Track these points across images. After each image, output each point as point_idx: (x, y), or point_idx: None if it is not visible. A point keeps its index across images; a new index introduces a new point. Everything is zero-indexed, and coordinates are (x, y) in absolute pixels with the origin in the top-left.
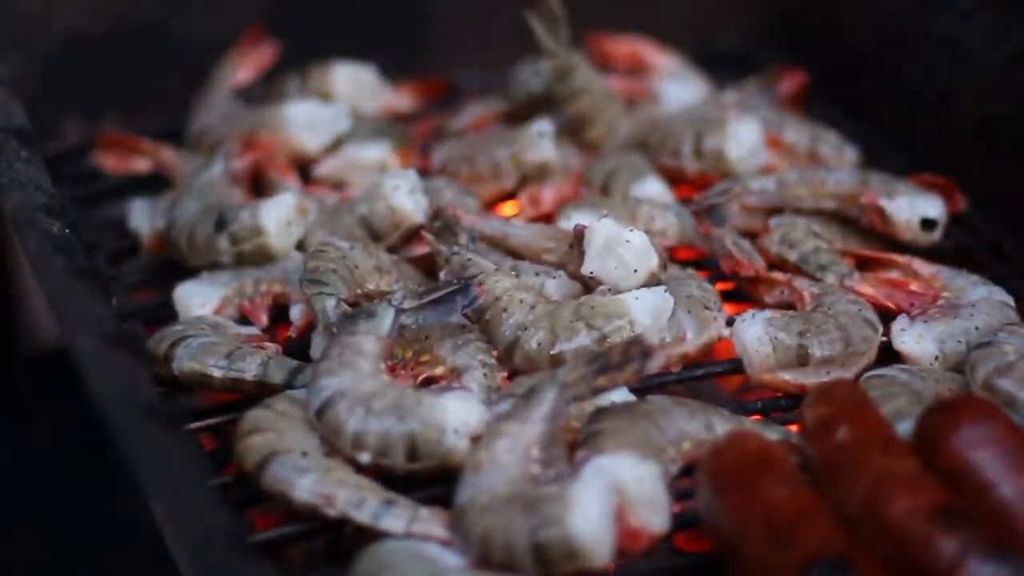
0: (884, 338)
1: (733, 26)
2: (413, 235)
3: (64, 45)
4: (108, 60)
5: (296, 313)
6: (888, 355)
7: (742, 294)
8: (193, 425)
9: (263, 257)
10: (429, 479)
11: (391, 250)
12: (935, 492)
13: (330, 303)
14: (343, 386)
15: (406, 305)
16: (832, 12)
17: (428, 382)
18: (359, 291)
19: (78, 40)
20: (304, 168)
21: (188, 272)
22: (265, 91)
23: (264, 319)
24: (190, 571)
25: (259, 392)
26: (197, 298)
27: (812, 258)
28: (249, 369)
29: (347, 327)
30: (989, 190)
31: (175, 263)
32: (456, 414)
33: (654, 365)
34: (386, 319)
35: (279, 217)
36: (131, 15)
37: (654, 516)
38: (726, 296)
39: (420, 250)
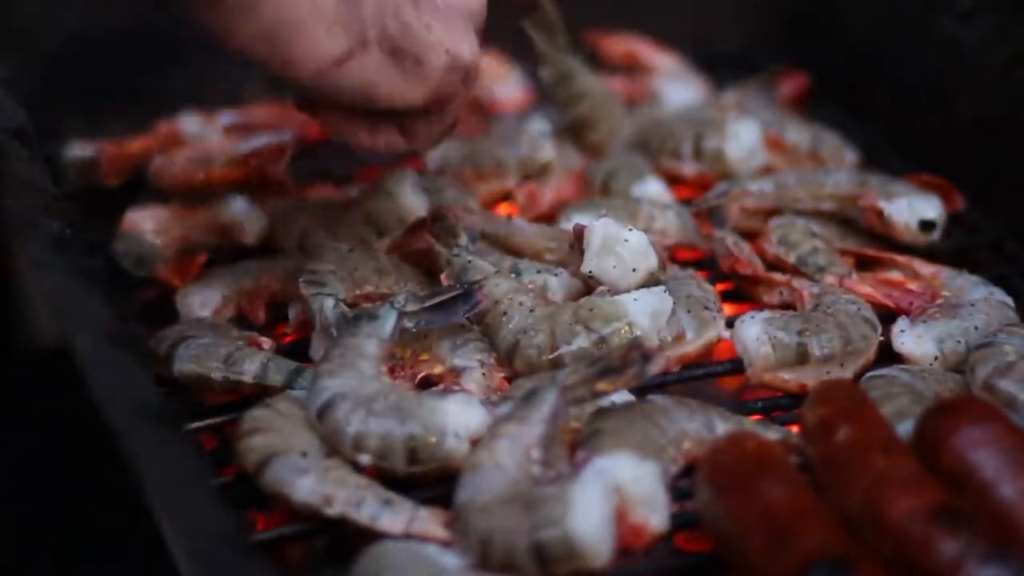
0: (883, 338)
1: (733, 26)
2: (413, 229)
3: (64, 45)
4: (108, 60)
5: (294, 312)
6: (888, 355)
7: (742, 294)
8: (194, 425)
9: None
10: (429, 481)
11: (394, 248)
12: (935, 492)
13: (328, 303)
14: (344, 388)
15: (409, 308)
16: (832, 12)
17: (426, 381)
18: (358, 292)
19: (78, 40)
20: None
21: None
22: None
23: (262, 316)
24: (190, 571)
25: (259, 394)
26: (198, 298)
27: (810, 259)
28: (248, 371)
29: (349, 329)
30: (989, 190)
31: None
32: (457, 417)
33: (654, 369)
34: (388, 321)
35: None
36: (131, 15)
37: (653, 516)
38: (726, 296)
39: (420, 244)
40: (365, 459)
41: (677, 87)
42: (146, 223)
